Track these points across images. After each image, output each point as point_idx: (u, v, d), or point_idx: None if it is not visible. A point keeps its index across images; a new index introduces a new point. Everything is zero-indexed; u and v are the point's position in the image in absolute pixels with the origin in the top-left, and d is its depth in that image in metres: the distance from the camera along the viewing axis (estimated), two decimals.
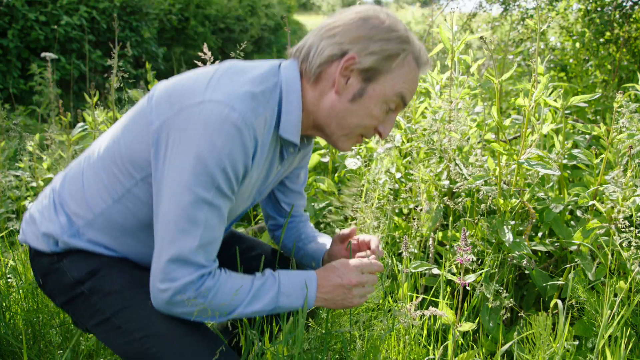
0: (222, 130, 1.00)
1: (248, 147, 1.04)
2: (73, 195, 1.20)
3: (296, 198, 1.50)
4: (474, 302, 1.64)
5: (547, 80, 1.69)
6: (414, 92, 1.20)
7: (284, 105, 1.14)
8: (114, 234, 1.18)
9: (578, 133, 2.52)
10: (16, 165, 2.87)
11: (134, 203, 1.14)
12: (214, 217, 1.05)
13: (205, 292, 1.06)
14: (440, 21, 2.12)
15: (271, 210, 1.52)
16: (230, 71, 1.10)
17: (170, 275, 1.03)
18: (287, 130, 1.15)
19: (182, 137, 1.01)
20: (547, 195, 1.90)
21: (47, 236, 1.19)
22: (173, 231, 1.03)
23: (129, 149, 1.12)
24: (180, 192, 1.02)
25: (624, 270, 1.64)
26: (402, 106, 1.19)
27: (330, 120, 1.17)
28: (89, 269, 1.16)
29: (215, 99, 1.01)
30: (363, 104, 1.15)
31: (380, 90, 1.14)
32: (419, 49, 1.17)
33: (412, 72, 1.16)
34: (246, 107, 1.02)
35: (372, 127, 1.19)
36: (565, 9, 4.02)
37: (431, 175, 1.97)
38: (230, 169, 1.02)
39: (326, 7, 15.57)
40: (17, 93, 5.60)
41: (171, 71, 8.03)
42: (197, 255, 1.04)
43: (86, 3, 6.43)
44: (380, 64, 1.12)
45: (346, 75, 1.13)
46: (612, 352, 1.30)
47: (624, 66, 3.54)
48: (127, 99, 2.82)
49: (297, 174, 1.46)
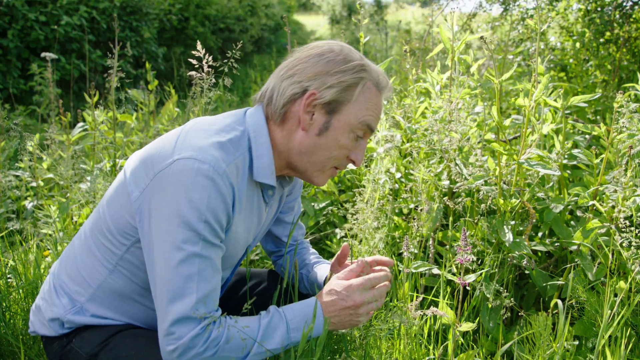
0: (195, 183, 1.03)
1: (225, 195, 1.06)
2: (70, 276, 1.25)
3: (296, 231, 1.53)
4: (474, 302, 1.64)
5: (547, 80, 1.69)
6: (379, 117, 1.24)
7: (254, 150, 1.17)
8: (115, 303, 1.22)
9: (578, 133, 2.52)
10: (16, 165, 2.87)
11: (129, 269, 1.18)
12: (206, 268, 1.07)
13: (214, 341, 1.07)
14: (440, 21, 2.12)
15: (271, 246, 1.55)
16: (196, 127, 1.14)
17: (175, 334, 1.05)
18: (261, 174, 1.17)
19: (161, 200, 1.05)
20: (547, 195, 1.90)
21: (53, 320, 1.24)
22: (170, 292, 1.05)
23: (115, 221, 1.16)
24: (169, 252, 1.04)
25: (624, 270, 1.64)
26: (369, 133, 1.23)
27: (302, 157, 1.20)
28: (99, 341, 1.20)
29: (183, 156, 1.05)
30: (330, 136, 1.18)
31: (344, 120, 1.17)
32: (377, 74, 1.20)
33: (374, 98, 1.20)
34: (215, 157, 1.05)
35: (344, 157, 1.22)
36: (565, 9, 4.02)
37: (431, 175, 1.97)
38: (213, 219, 1.05)
39: (326, 7, 15.54)
40: (17, 93, 5.60)
41: (171, 71, 8.03)
42: (198, 309, 1.05)
43: (86, 3, 6.43)
44: (340, 96, 1.15)
45: (310, 112, 1.17)
46: (612, 352, 1.29)
47: (624, 66, 3.54)
48: (125, 99, 2.82)
49: (292, 207, 1.49)
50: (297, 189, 1.49)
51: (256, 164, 1.16)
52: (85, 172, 2.60)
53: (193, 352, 1.05)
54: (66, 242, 2.07)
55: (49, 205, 2.28)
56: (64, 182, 2.47)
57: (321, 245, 2.32)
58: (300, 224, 1.56)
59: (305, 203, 2.32)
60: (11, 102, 5.34)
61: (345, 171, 2.40)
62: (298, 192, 1.50)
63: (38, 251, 2.09)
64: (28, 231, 2.41)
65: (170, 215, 1.04)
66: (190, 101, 2.20)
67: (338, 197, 2.42)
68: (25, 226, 2.49)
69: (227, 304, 1.52)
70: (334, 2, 15.10)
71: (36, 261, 1.86)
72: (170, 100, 3.55)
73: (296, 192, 1.49)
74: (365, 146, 1.25)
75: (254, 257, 2.29)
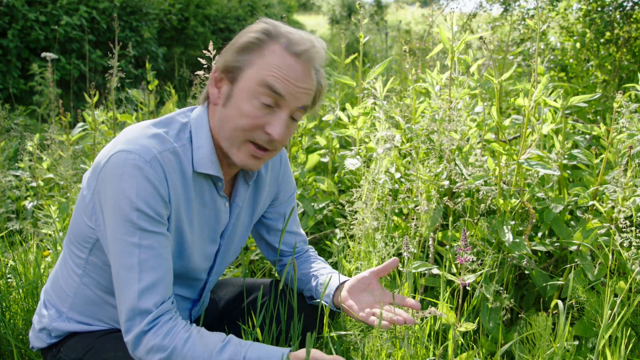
0: (124, 173, 1.05)
1: (154, 181, 1.06)
2: (54, 288, 1.29)
3: (291, 238, 1.49)
4: (474, 302, 1.64)
5: (547, 80, 1.69)
6: (288, 81, 1.11)
7: (194, 141, 1.17)
8: (92, 309, 1.24)
9: (578, 133, 2.52)
10: (16, 165, 2.87)
11: (96, 272, 1.20)
12: (149, 258, 1.06)
13: (167, 339, 1.05)
14: (440, 21, 2.12)
15: (271, 255, 1.52)
16: (132, 126, 1.16)
17: (127, 328, 1.06)
18: (201, 164, 1.17)
19: (104, 197, 1.08)
20: (547, 195, 1.90)
21: (41, 331, 1.27)
22: (118, 284, 1.07)
23: (77, 227, 1.19)
24: (114, 246, 1.07)
25: (624, 270, 1.64)
26: (277, 97, 1.11)
27: (218, 134, 1.18)
28: (84, 347, 1.22)
29: (115, 150, 1.07)
30: (233, 105, 1.14)
31: (243, 85, 1.13)
32: (288, 37, 1.13)
33: (279, 59, 1.12)
34: (143, 146, 1.07)
35: (254, 128, 1.13)
36: (566, 9, 4.01)
37: (430, 176, 1.96)
38: (145, 206, 1.05)
39: (326, 7, 15.53)
40: (17, 93, 5.59)
41: (171, 71, 8.03)
42: (143, 300, 1.05)
43: (86, 3, 6.43)
44: (236, 60, 1.13)
45: (218, 86, 1.17)
46: (612, 353, 1.29)
47: (624, 66, 3.53)
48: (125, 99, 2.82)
49: (281, 213, 1.46)
50: (284, 195, 1.45)
51: (196, 155, 1.17)
52: (85, 172, 2.59)
53: (146, 347, 1.05)
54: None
55: (49, 205, 2.28)
56: (64, 182, 2.47)
57: (321, 245, 2.32)
58: (299, 232, 1.52)
59: (305, 203, 2.32)
60: (11, 102, 5.34)
61: (345, 171, 2.40)
62: (287, 198, 1.46)
63: (38, 251, 2.09)
64: (28, 231, 2.41)
65: (112, 209, 1.06)
66: (191, 101, 2.20)
67: (338, 197, 2.42)
68: (25, 226, 2.49)
69: (229, 317, 1.48)
70: (334, 2, 15.09)
71: (36, 261, 1.86)
72: (170, 100, 3.55)
73: (284, 199, 1.46)
74: (283, 119, 1.13)
75: (254, 257, 2.29)
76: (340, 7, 14.91)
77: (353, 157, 2.26)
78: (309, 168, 2.59)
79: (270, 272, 2.26)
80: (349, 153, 2.34)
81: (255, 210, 1.39)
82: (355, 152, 2.27)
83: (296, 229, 1.51)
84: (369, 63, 6.38)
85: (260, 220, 1.47)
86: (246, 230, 1.41)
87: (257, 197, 1.37)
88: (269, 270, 2.26)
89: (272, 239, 1.48)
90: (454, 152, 1.94)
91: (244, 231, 1.40)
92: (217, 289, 1.56)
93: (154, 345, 1.05)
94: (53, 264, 1.95)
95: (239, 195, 1.31)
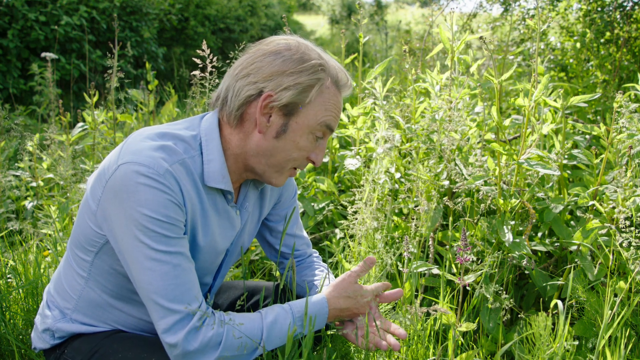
0: (138, 185, 1.04)
1: (169, 192, 1.06)
2: (57, 290, 1.29)
3: (294, 241, 1.49)
4: (474, 302, 1.64)
5: (547, 80, 1.69)
6: (339, 117, 1.21)
7: (204, 154, 1.15)
8: (97, 312, 1.24)
9: (578, 133, 2.52)
10: (16, 165, 2.87)
11: (101, 275, 1.20)
12: (180, 263, 1.07)
13: (219, 328, 1.09)
14: (440, 21, 2.12)
15: (274, 257, 1.52)
16: (138, 134, 1.14)
17: (174, 328, 1.06)
18: (212, 179, 1.16)
19: (114, 208, 1.07)
20: (547, 195, 1.90)
21: (45, 331, 1.27)
22: (149, 291, 1.06)
23: (83, 232, 1.18)
24: (136, 255, 1.06)
25: (624, 270, 1.64)
26: (329, 133, 1.20)
27: (259, 159, 1.18)
28: (89, 349, 1.21)
29: (123, 161, 1.06)
30: (289, 139, 1.15)
31: (303, 122, 1.14)
32: (336, 72, 1.17)
33: (333, 97, 1.17)
34: (153, 157, 1.06)
35: (303, 158, 1.20)
36: (566, 9, 4.02)
37: (430, 175, 1.96)
38: (163, 216, 1.05)
39: (326, 7, 15.53)
40: (17, 93, 5.59)
41: (171, 71, 8.03)
42: (181, 301, 1.06)
43: (86, 3, 6.43)
44: (297, 98, 1.12)
45: (267, 114, 1.14)
46: (612, 353, 1.29)
47: (624, 66, 3.53)
48: (125, 99, 2.82)
49: (282, 215, 1.46)
50: (286, 197, 1.46)
51: (206, 169, 1.15)
52: (85, 172, 2.60)
53: (195, 343, 1.06)
54: (65, 242, 2.07)
55: (48, 205, 2.28)
56: (64, 182, 2.47)
57: (321, 245, 2.32)
58: (302, 235, 1.52)
59: (305, 203, 2.32)
60: (11, 102, 5.34)
61: (345, 171, 2.40)
62: (289, 201, 1.47)
63: (38, 251, 2.09)
64: (28, 231, 2.41)
65: (127, 221, 1.05)
66: (191, 101, 2.20)
67: (338, 197, 2.42)
68: (25, 226, 2.49)
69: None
70: (333, 2, 15.09)
71: (36, 261, 1.86)
72: (170, 100, 3.55)
73: (286, 201, 1.46)
74: (325, 146, 1.22)
75: (254, 257, 2.29)
76: (340, 7, 14.92)
77: (353, 157, 2.26)
78: (309, 168, 2.59)
79: (270, 272, 2.26)
80: (349, 153, 2.34)
81: (262, 213, 1.40)
82: (355, 152, 2.27)
83: (299, 232, 1.51)
84: (368, 63, 6.38)
85: (263, 223, 1.47)
86: (252, 233, 1.42)
87: (262, 200, 1.38)
88: (269, 270, 2.26)
89: (274, 240, 1.48)
90: (454, 152, 1.94)
91: (251, 235, 1.41)
92: (220, 293, 1.56)
93: (213, 335, 1.07)
94: (53, 264, 1.95)
95: (248, 201, 1.32)
